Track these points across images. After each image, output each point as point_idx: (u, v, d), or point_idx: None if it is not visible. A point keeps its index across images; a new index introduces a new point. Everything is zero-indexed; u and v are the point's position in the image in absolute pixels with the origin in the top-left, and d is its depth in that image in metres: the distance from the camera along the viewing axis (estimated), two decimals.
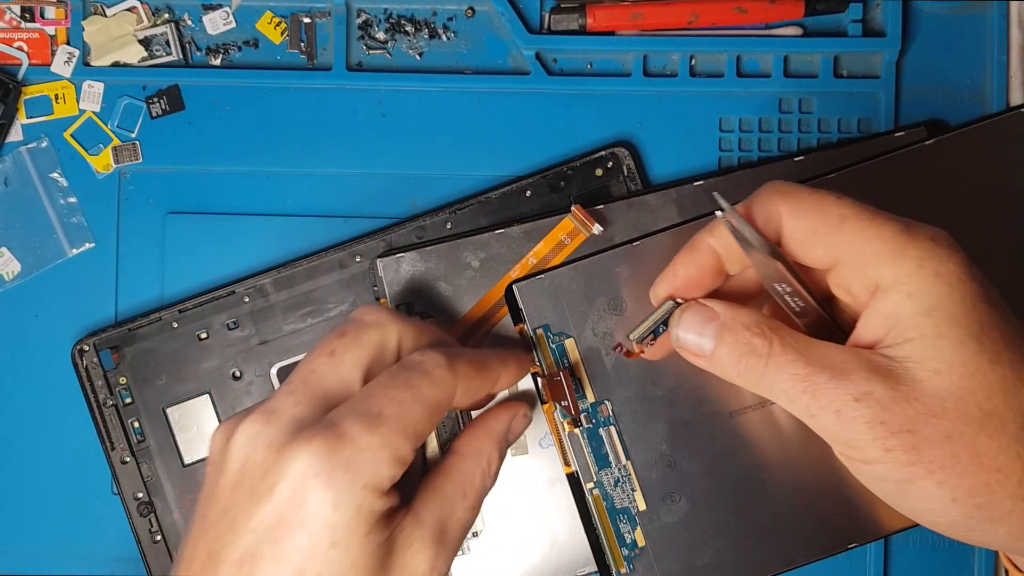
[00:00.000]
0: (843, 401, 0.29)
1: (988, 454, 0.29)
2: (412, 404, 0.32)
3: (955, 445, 0.29)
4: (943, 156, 0.43)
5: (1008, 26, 0.46)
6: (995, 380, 0.29)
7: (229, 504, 0.32)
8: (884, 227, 0.30)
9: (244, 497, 0.31)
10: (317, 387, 0.33)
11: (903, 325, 0.30)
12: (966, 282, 0.29)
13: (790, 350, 0.31)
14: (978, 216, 0.43)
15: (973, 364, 0.29)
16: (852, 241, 0.30)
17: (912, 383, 0.29)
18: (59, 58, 0.46)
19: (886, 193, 0.43)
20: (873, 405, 0.29)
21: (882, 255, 0.30)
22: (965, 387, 0.29)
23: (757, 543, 0.40)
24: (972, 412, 0.29)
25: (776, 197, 0.32)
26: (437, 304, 0.43)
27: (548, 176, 0.45)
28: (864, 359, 0.30)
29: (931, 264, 0.29)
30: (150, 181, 0.46)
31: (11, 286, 0.46)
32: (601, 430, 0.41)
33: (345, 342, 0.34)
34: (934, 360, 0.29)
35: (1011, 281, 0.43)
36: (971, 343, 0.29)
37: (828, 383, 0.30)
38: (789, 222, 0.31)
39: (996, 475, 0.29)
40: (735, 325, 0.32)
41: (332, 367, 0.33)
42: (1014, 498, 0.29)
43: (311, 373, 0.33)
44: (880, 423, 0.29)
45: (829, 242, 0.31)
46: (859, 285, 0.31)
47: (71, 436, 0.46)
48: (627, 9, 0.45)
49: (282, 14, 0.47)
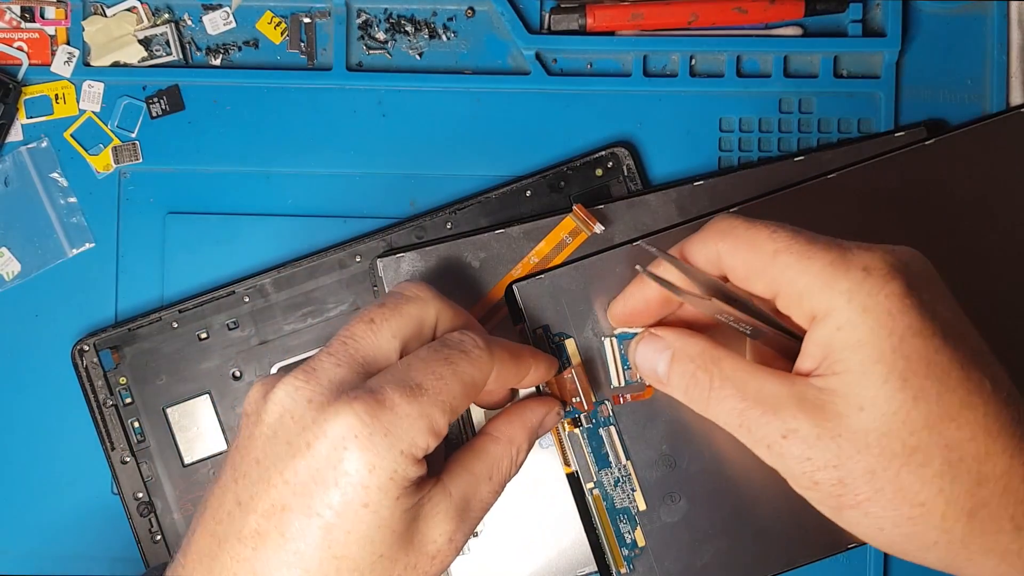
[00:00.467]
0: (772, 438, 0.31)
1: (911, 489, 0.29)
2: (452, 380, 0.33)
3: (879, 480, 0.30)
4: (943, 156, 0.43)
5: (1008, 26, 0.46)
6: (918, 417, 0.29)
7: (262, 455, 0.32)
8: (815, 260, 0.31)
9: (279, 449, 0.32)
10: (356, 352, 0.33)
11: (832, 358, 0.30)
12: (896, 316, 0.29)
13: (728, 384, 0.32)
14: (978, 216, 0.43)
15: (896, 402, 0.29)
16: (785, 275, 0.31)
17: (838, 418, 0.30)
18: (59, 58, 0.46)
19: (886, 193, 0.43)
20: (799, 442, 0.30)
21: (813, 289, 0.30)
22: (888, 424, 0.29)
23: (757, 543, 0.40)
24: (895, 448, 0.29)
25: (714, 236, 0.33)
26: None
27: (548, 176, 0.45)
28: (796, 393, 0.31)
29: (859, 298, 0.30)
30: (150, 181, 0.46)
31: (11, 286, 0.46)
32: (601, 430, 0.41)
33: (385, 312, 0.34)
34: (858, 396, 0.30)
35: (1010, 281, 0.43)
36: (894, 380, 0.29)
37: (760, 419, 0.31)
38: (727, 260, 0.33)
39: (919, 509, 0.30)
40: (682, 356, 0.34)
41: (371, 334, 0.34)
42: (938, 531, 0.30)
43: (350, 339, 0.34)
44: (806, 459, 0.30)
45: (766, 277, 0.32)
46: (798, 315, 0.32)
47: (71, 436, 0.46)
48: (627, 9, 0.45)
49: (282, 14, 0.47)
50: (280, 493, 0.31)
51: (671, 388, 0.35)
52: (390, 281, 0.43)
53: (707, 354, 0.33)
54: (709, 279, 0.34)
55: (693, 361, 0.34)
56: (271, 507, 0.31)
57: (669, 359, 0.34)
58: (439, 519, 0.33)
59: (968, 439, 0.29)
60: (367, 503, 0.31)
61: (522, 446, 0.37)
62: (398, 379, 0.32)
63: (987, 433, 0.29)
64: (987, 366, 0.30)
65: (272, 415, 0.32)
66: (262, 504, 0.31)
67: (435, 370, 0.33)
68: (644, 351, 0.36)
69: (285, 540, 0.31)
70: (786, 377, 0.32)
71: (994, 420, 0.29)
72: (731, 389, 0.32)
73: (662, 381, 0.35)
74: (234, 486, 0.32)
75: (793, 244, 0.31)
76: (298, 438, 0.31)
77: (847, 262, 0.30)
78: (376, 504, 0.31)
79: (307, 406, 0.32)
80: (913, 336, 0.29)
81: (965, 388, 0.29)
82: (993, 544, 0.30)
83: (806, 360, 0.31)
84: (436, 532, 0.33)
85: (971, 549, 0.30)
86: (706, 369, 0.33)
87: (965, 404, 0.29)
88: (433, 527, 0.33)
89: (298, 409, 0.32)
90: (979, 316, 0.42)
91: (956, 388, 0.29)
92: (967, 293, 0.42)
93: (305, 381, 0.32)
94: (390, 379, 0.32)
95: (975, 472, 0.29)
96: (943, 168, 0.43)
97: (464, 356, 0.34)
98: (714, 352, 0.33)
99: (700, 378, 0.33)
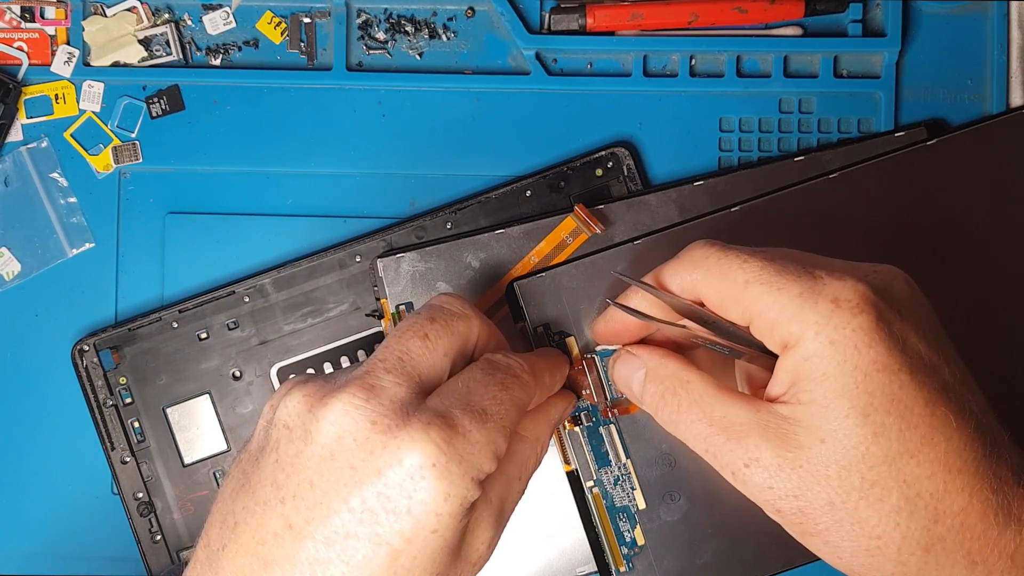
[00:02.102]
0: (735, 465, 0.31)
1: (869, 522, 0.30)
2: (509, 404, 0.33)
3: (837, 512, 0.30)
4: (943, 156, 0.43)
5: (1008, 26, 0.46)
6: (878, 452, 0.29)
7: (317, 478, 0.30)
8: (783, 292, 0.31)
9: (341, 474, 0.30)
10: (414, 371, 0.32)
11: (799, 387, 0.31)
12: (862, 350, 0.30)
13: (695, 408, 0.33)
14: (978, 217, 0.43)
15: (856, 436, 0.30)
16: (756, 305, 0.31)
17: (799, 449, 0.30)
18: (59, 58, 0.46)
19: (886, 193, 0.43)
20: (761, 471, 0.31)
21: (782, 320, 0.31)
22: (847, 457, 0.30)
23: (757, 542, 0.40)
24: (854, 481, 0.30)
25: (688, 266, 0.34)
26: None
27: (548, 176, 0.45)
28: (761, 421, 0.31)
29: (827, 331, 0.30)
30: (150, 181, 0.46)
31: (11, 286, 0.46)
32: (601, 428, 0.41)
33: (437, 328, 0.34)
34: (820, 429, 0.30)
35: (1010, 281, 0.43)
36: (855, 415, 0.30)
37: (724, 446, 0.32)
38: (702, 288, 0.33)
39: (876, 541, 0.30)
40: (654, 376, 0.35)
41: (427, 351, 0.33)
42: (894, 563, 0.30)
43: (406, 354, 0.32)
44: (768, 488, 0.31)
45: (739, 306, 0.32)
46: (771, 343, 0.32)
47: (71, 436, 0.46)
48: (627, 9, 0.45)
49: (282, 14, 0.47)
50: (343, 521, 0.30)
51: (644, 406, 0.35)
52: (390, 281, 0.43)
53: (678, 376, 0.34)
54: (685, 304, 0.34)
55: (663, 383, 0.34)
56: (333, 534, 0.30)
57: (643, 378, 0.35)
58: (483, 527, 0.33)
59: (927, 476, 0.29)
60: (436, 529, 0.30)
61: (545, 442, 0.37)
62: (463, 403, 0.32)
63: (947, 470, 0.29)
64: (954, 400, 0.30)
65: (328, 435, 0.30)
66: (321, 531, 0.30)
67: (495, 395, 0.33)
68: (620, 368, 0.36)
69: (349, 568, 0.30)
70: (753, 403, 0.32)
71: (956, 456, 0.30)
72: (698, 414, 0.33)
73: (637, 398, 0.36)
74: (281, 507, 0.30)
75: (763, 274, 0.31)
76: (364, 464, 0.30)
77: (816, 293, 0.30)
78: (444, 529, 0.30)
79: (371, 428, 0.30)
80: (878, 371, 0.30)
81: (928, 424, 0.30)
82: None
83: (776, 385, 0.32)
84: (479, 541, 0.33)
85: None
86: (675, 392, 0.34)
87: (926, 440, 0.29)
88: (477, 536, 0.33)
89: (361, 432, 0.30)
90: (978, 318, 0.42)
91: (918, 424, 0.30)
92: (966, 294, 0.42)
93: (365, 400, 0.31)
94: (455, 403, 0.31)
95: (932, 508, 0.30)
96: (943, 168, 0.43)
97: (516, 381, 0.34)
98: (685, 375, 0.34)
99: (669, 400, 0.34)
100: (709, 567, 0.40)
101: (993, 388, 0.32)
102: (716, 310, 0.33)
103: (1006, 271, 0.43)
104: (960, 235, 0.43)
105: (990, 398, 0.32)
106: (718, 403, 0.33)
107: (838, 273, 0.31)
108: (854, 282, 0.31)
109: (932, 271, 0.36)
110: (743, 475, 0.31)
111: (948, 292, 0.40)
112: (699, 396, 0.33)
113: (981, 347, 0.33)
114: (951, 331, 0.32)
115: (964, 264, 0.43)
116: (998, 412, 0.31)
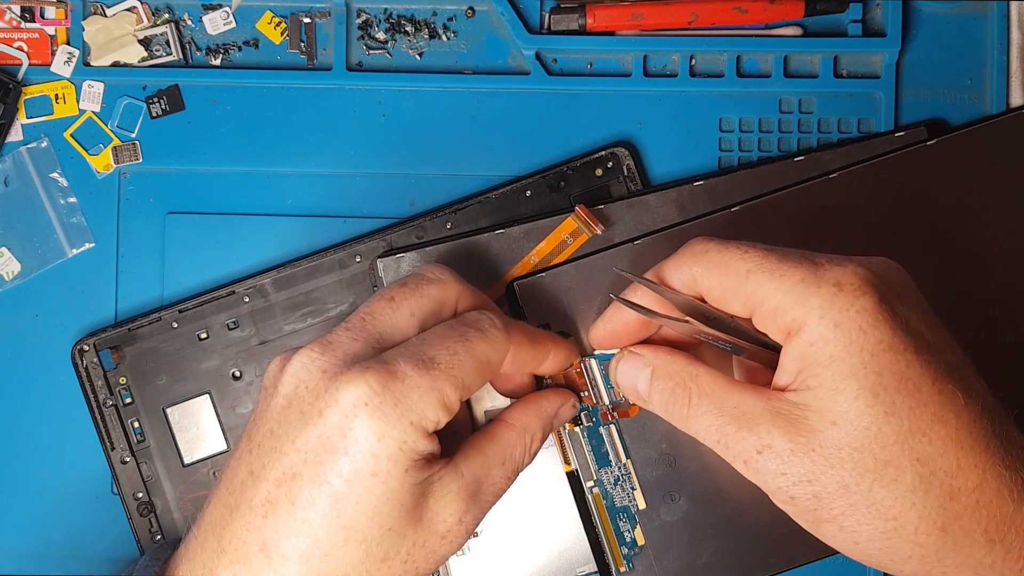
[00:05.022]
0: (748, 453, 0.31)
1: (884, 503, 0.30)
2: (465, 356, 0.33)
3: (852, 495, 0.30)
4: (943, 156, 0.43)
5: (1008, 26, 0.46)
6: (890, 432, 0.29)
7: (276, 425, 0.33)
8: (787, 278, 0.31)
9: (292, 419, 0.32)
10: (373, 328, 0.34)
11: (806, 373, 0.31)
12: (868, 331, 0.30)
13: (706, 400, 0.33)
14: (978, 217, 0.43)
15: (867, 417, 0.30)
16: (758, 294, 0.32)
17: (811, 433, 0.30)
18: (59, 58, 0.46)
19: (886, 193, 0.43)
20: (774, 457, 0.31)
21: (786, 306, 0.31)
22: (860, 439, 0.30)
23: (757, 543, 0.40)
24: (868, 463, 0.30)
25: (688, 260, 0.34)
26: None
27: (548, 176, 0.45)
28: (772, 408, 0.31)
29: (831, 314, 0.30)
30: (150, 181, 0.46)
31: (11, 286, 0.46)
32: (601, 429, 0.41)
33: (405, 291, 0.35)
34: (830, 412, 0.30)
35: (1010, 282, 0.43)
36: (865, 396, 0.30)
37: (736, 435, 0.32)
38: (703, 282, 0.33)
39: (892, 523, 0.30)
40: (661, 373, 0.35)
41: (390, 311, 0.34)
42: (912, 544, 0.30)
43: (369, 315, 0.34)
44: (781, 474, 0.31)
45: (741, 297, 0.32)
46: (774, 332, 0.32)
47: (71, 436, 0.46)
48: (627, 9, 0.45)
49: (282, 14, 0.47)
50: (291, 461, 0.32)
51: (651, 405, 0.35)
52: (390, 281, 0.43)
53: (686, 371, 0.34)
54: (687, 300, 0.34)
55: (672, 378, 0.34)
56: (282, 475, 0.32)
57: (649, 377, 0.35)
58: (450, 498, 0.33)
59: (940, 453, 0.29)
60: (376, 472, 0.31)
61: (536, 435, 0.37)
62: (411, 353, 0.33)
63: (959, 447, 0.29)
64: (960, 379, 0.30)
65: (287, 386, 0.33)
66: (273, 473, 0.32)
67: (449, 346, 0.33)
68: (624, 369, 0.36)
69: (295, 508, 0.31)
70: (763, 392, 0.32)
71: (967, 433, 0.30)
72: (709, 405, 0.33)
73: (643, 398, 0.36)
74: (248, 456, 0.33)
75: (765, 263, 0.32)
76: (310, 407, 0.32)
77: (819, 278, 0.31)
78: (385, 474, 0.31)
79: (320, 375, 0.32)
80: (885, 351, 0.30)
81: (937, 402, 0.30)
82: (966, 557, 0.30)
83: (782, 375, 0.32)
84: (447, 511, 0.33)
85: (945, 563, 0.30)
86: (685, 386, 0.34)
87: (937, 418, 0.29)
88: (444, 506, 0.33)
89: (312, 379, 0.32)
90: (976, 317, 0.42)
91: (928, 402, 0.30)
92: (964, 294, 0.42)
93: (320, 353, 0.33)
94: (403, 352, 0.33)
95: (947, 486, 0.29)
96: (943, 168, 0.43)
97: (480, 334, 0.34)
98: (693, 369, 0.34)
99: (679, 395, 0.34)
100: (709, 567, 0.40)
101: (993, 388, 0.32)
102: (717, 304, 0.33)
103: (1006, 271, 0.43)
104: (960, 235, 0.43)
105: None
106: (728, 394, 0.33)
107: (837, 260, 0.31)
108: (854, 266, 0.31)
109: (932, 270, 0.36)
110: (756, 463, 0.31)
111: (948, 292, 0.40)
112: (708, 388, 0.33)
113: (981, 347, 0.33)
114: (950, 330, 0.32)
115: (964, 264, 0.43)
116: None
